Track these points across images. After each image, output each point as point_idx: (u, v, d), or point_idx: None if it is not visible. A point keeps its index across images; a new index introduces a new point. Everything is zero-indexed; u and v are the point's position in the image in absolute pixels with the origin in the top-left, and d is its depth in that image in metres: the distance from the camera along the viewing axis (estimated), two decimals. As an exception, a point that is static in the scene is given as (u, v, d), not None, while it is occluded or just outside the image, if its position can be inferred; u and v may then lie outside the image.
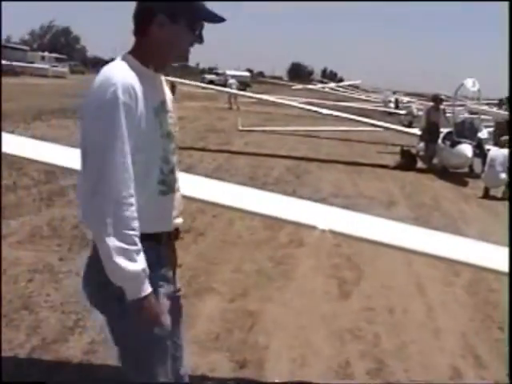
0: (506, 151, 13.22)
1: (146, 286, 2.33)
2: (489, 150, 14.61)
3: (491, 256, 4.02)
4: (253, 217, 7.49)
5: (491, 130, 18.61)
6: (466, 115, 17.41)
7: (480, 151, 15.39)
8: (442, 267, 6.94)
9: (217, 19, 2.52)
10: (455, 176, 15.27)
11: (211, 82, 57.92)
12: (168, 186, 2.51)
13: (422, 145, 16.79)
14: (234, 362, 4.59)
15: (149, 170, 2.42)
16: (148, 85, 2.40)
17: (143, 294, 2.32)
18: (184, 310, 2.87)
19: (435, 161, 16.41)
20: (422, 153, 16.74)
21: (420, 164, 16.56)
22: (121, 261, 2.24)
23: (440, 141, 16.19)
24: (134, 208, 2.27)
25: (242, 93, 31.96)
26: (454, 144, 15.46)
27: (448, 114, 17.93)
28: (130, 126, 2.27)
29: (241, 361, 4.60)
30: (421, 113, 22.85)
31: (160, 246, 2.53)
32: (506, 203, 11.92)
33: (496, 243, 4.26)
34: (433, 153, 16.41)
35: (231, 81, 41.62)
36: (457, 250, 4.05)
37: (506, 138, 14.14)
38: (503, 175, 12.90)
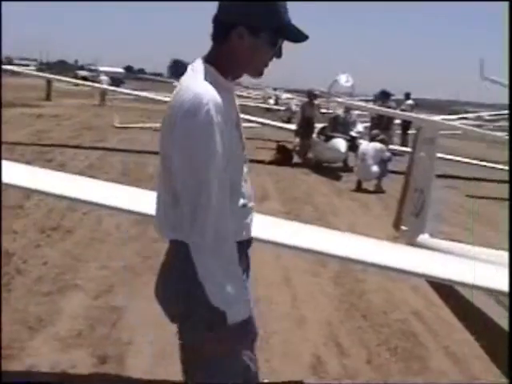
0: (377, 145, 13.62)
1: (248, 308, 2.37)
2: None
3: (358, 247, 4.11)
4: (123, 214, 7.36)
5: (367, 124, 19.19)
6: (341, 110, 17.86)
7: (354, 146, 15.81)
8: (310, 259, 7.04)
9: (300, 38, 2.42)
10: (329, 170, 15.65)
11: (84, 78, 56.37)
12: (248, 198, 2.50)
13: (297, 140, 17.09)
14: (95, 357, 4.53)
15: (235, 184, 2.41)
16: (227, 97, 2.34)
17: (246, 315, 2.35)
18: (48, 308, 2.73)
19: (310, 155, 16.75)
20: (297, 148, 17.03)
21: (296, 159, 16.84)
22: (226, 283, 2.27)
23: (315, 136, 16.54)
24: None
25: (112, 88, 31.55)
26: (328, 139, 15.84)
27: (323, 110, 18.36)
28: (222, 146, 2.24)
29: (102, 356, 4.54)
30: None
31: (243, 256, 2.50)
32: (377, 196, 12.31)
33: (363, 235, 4.36)
34: (308, 147, 16.74)
35: (102, 77, 40.98)
36: (324, 243, 4.12)
37: (376, 131, 14.62)
38: (375, 168, 13.29)
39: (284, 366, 4.63)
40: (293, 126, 18.40)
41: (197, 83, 2.28)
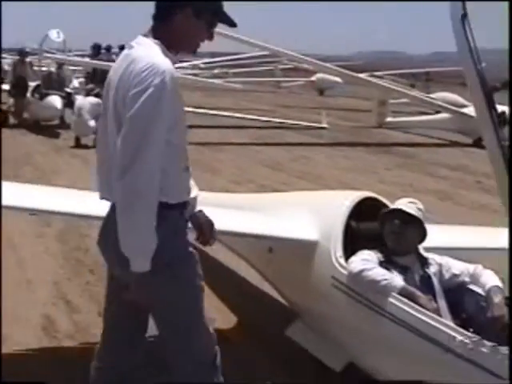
0: (92, 99, 13.32)
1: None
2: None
3: (81, 203, 4.01)
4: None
5: (82, 80, 18.73)
6: (54, 67, 17.26)
7: (70, 102, 15.39)
8: (34, 220, 6.81)
9: (231, 23, 2.77)
10: (47, 129, 15.17)
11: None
12: (188, 163, 2.71)
13: (11, 100, 16.29)
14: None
15: (181, 147, 2.62)
16: None
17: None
18: None
19: (26, 115, 16.07)
20: (12, 108, 16.25)
21: (12, 120, 16.08)
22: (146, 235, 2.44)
23: (29, 94, 15.87)
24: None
25: None
26: (42, 97, 15.29)
27: (35, 67, 17.63)
28: (171, 112, 2.46)
29: None
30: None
31: (184, 214, 2.71)
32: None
33: (84, 189, 4.27)
34: (23, 107, 16.03)
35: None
36: (48, 201, 4.04)
37: (91, 86, 14.37)
38: (92, 123, 12.89)
39: (15, 330, 4.47)
40: (6, 87, 17.41)
41: (152, 54, 2.50)
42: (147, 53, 2.50)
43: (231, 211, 4.42)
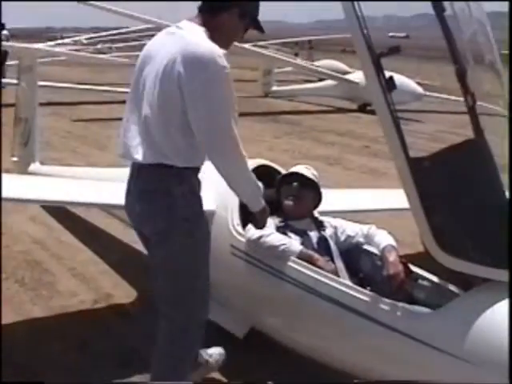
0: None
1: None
2: None
3: None
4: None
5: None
6: None
7: None
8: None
9: (261, 29, 3.06)
10: None
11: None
12: None
13: None
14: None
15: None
16: None
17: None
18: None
19: None
20: None
21: None
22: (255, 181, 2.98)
23: None
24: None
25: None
26: None
27: None
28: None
29: None
30: None
31: (197, 176, 3.00)
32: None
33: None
34: None
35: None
36: None
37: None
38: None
39: None
40: None
41: (205, 40, 2.75)
42: (202, 37, 2.76)
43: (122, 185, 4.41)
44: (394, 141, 2.69)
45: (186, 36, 2.76)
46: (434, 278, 3.27)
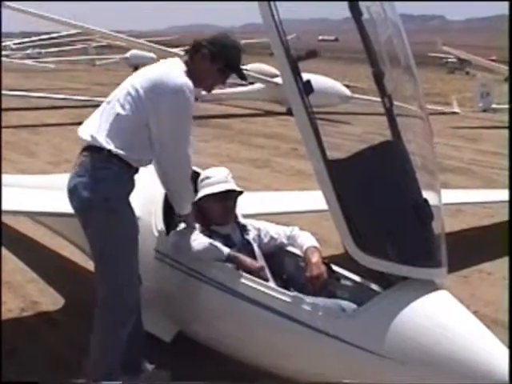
0: None
1: None
2: None
3: None
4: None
5: None
6: None
7: None
8: None
9: (242, 77, 3.48)
10: None
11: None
12: None
13: None
14: None
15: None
16: None
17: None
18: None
19: None
20: None
21: None
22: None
23: None
24: None
25: None
26: None
27: None
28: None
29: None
30: None
31: (131, 172, 3.30)
32: None
33: None
34: None
35: None
36: None
37: None
38: None
39: None
40: None
41: (181, 74, 3.20)
42: (180, 72, 3.20)
43: (50, 192, 4.33)
44: (311, 143, 2.72)
45: (168, 66, 3.26)
46: (357, 278, 3.32)
